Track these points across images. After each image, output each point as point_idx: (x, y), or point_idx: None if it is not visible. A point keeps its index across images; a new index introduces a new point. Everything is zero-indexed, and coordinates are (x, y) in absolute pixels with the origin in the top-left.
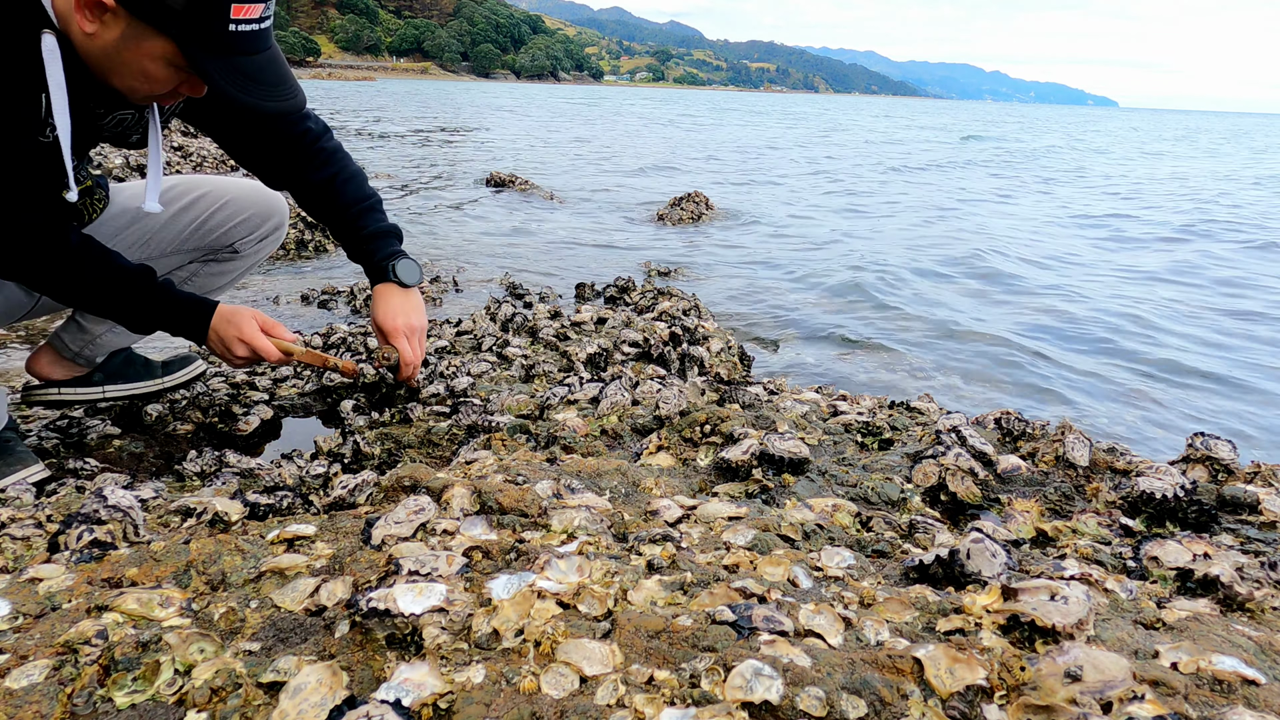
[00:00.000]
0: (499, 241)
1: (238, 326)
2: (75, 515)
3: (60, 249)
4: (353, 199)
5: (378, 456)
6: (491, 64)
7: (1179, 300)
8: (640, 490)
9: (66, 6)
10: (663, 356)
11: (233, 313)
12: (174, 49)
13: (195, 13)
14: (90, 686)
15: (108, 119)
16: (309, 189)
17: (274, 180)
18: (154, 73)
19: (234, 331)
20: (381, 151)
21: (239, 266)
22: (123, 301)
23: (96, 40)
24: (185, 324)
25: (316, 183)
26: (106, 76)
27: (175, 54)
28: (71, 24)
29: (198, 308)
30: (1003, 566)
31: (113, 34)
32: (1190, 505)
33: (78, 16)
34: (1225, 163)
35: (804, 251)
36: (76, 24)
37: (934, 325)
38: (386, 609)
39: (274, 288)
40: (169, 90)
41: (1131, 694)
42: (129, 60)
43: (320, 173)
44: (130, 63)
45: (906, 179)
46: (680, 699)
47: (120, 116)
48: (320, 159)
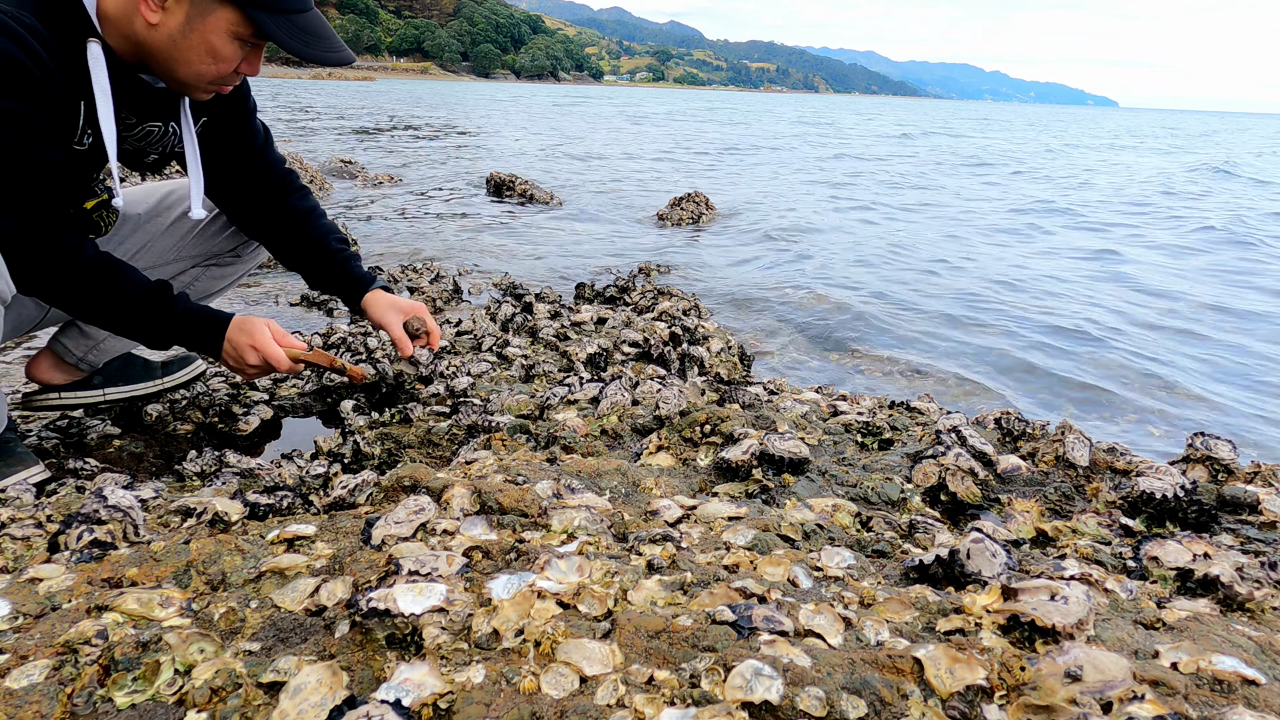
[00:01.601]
0: (499, 241)
1: (250, 334)
2: (75, 515)
3: (79, 264)
4: (330, 228)
5: (378, 456)
6: (491, 64)
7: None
8: (640, 490)
9: (118, 9)
10: (663, 356)
11: (246, 321)
12: (238, 16)
13: None
14: (90, 686)
15: (136, 129)
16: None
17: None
18: (220, 48)
19: (247, 340)
20: (382, 151)
21: (239, 269)
22: (139, 318)
23: (161, 30)
24: (201, 338)
25: (300, 211)
26: (172, 67)
27: (240, 21)
28: (132, 22)
29: (212, 321)
30: (1003, 566)
31: (177, 19)
32: (1190, 505)
33: (141, 9)
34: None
35: (804, 251)
36: (139, 20)
37: (934, 325)
38: (386, 609)
39: (274, 288)
40: (232, 70)
41: (1131, 694)
42: (195, 42)
43: (302, 203)
44: (197, 44)
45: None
46: (680, 699)
47: (148, 129)
48: (300, 192)
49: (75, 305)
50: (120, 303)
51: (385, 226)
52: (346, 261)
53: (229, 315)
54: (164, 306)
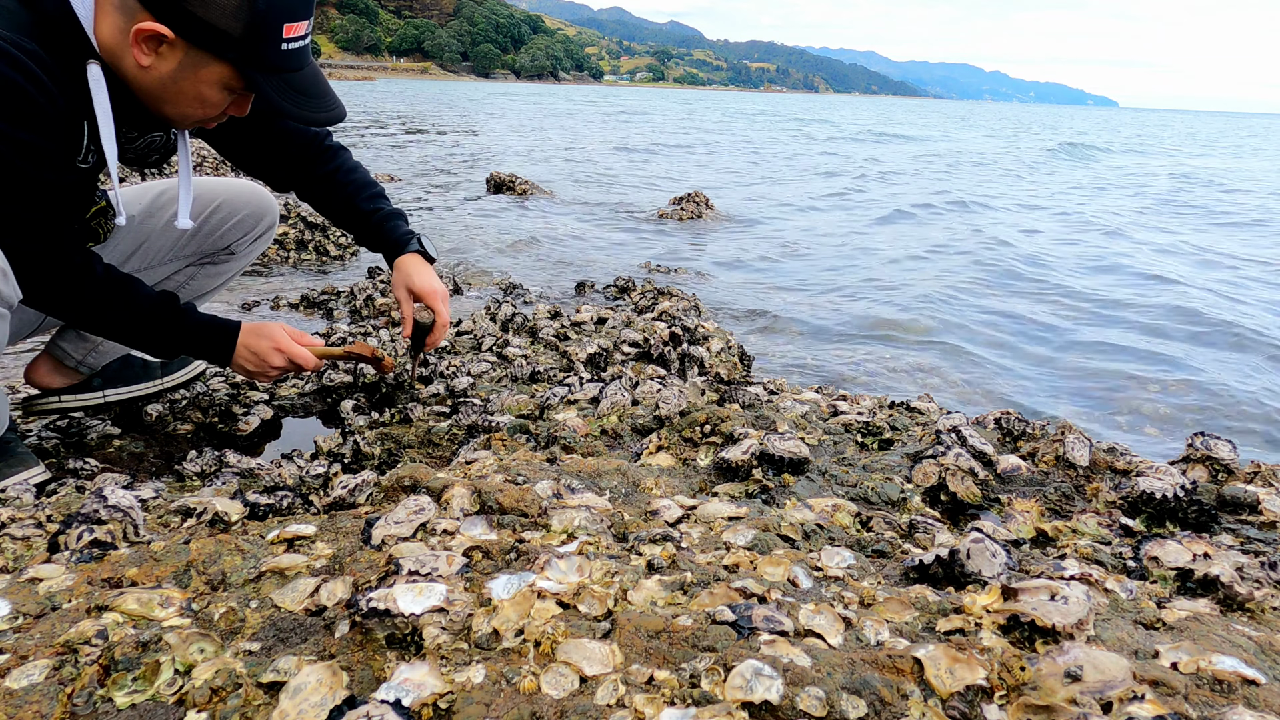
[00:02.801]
0: (499, 241)
1: (271, 338)
2: (75, 515)
3: (90, 283)
4: (362, 185)
5: (378, 456)
6: (491, 64)
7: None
8: (640, 490)
9: (113, 41)
10: (663, 356)
11: (261, 326)
12: (231, 72)
13: (253, 37)
14: (90, 686)
15: (138, 141)
16: (319, 182)
17: (281, 182)
18: (210, 97)
19: (268, 343)
20: (382, 151)
21: (234, 267)
22: (147, 330)
23: (152, 72)
24: (210, 347)
25: (324, 175)
26: (159, 106)
27: (232, 77)
28: (123, 58)
29: (222, 330)
30: (1003, 566)
31: (169, 65)
32: (1190, 505)
33: (134, 51)
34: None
35: (804, 250)
36: (130, 58)
37: (934, 324)
38: (386, 609)
39: (274, 288)
40: (219, 113)
41: (1131, 694)
42: (186, 89)
43: (327, 165)
44: (187, 91)
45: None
46: (680, 699)
47: (150, 139)
48: (327, 154)
49: (86, 321)
50: (130, 318)
51: None
52: (379, 224)
53: (238, 323)
54: (173, 319)
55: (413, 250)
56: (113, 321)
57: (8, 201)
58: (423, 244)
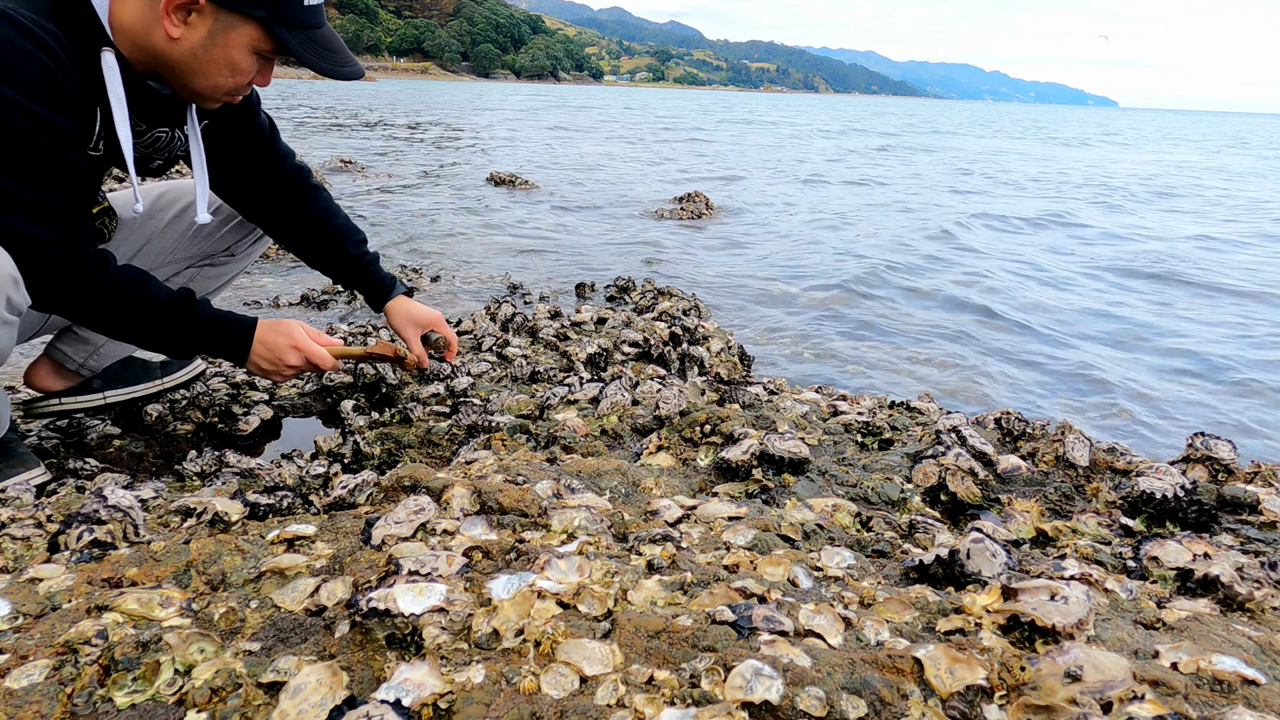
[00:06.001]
0: (499, 241)
1: (288, 335)
2: (75, 515)
3: (105, 278)
4: (348, 231)
5: (378, 456)
6: (491, 64)
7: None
8: (640, 490)
9: (137, 21)
10: (663, 356)
11: (278, 323)
12: (260, 33)
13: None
14: (90, 686)
15: (145, 136)
16: (306, 222)
17: (263, 216)
18: (240, 62)
19: (285, 340)
20: (382, 151)
21: (234, 268)
22: (163, 329)
23: (183, 43)
24: (227, 344)
25: (311, 216)
26: (189, 79)
27: (261, 37)
28: (151, 34)
29: (239, 327)
30: (1003, 566)
31: (199, 33)
32: (1190, 505)
33: (164, 23)
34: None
35: (804, 250)
36: (159, 32)
37: (934, 324)
38: (386, 609)
39: (273, 288)
40: (247, 82)
41: (1131, 694)
42: (216, 56)
43: (314, 207)
44: (217, 58)
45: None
46: (680, 699)
47: (156, 135)
48: (311, 195)
49: (96, 319)
50: (144, 315)
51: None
52: (367, 268)
53: (254, 319)
54: (188, 316)
55: (400, 292)
56: (124, 319)
57: (30, 181)
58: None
